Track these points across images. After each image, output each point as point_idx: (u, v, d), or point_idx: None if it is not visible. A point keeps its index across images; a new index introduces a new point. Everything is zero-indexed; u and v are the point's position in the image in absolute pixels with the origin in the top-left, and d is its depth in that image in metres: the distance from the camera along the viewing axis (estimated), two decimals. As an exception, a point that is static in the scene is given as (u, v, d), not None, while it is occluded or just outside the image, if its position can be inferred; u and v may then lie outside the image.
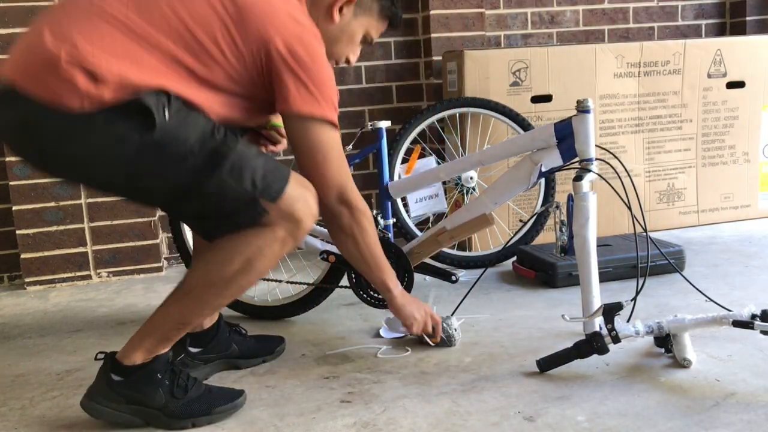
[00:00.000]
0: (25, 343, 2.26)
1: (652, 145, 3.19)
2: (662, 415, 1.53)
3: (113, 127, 1.39)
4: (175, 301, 1.59)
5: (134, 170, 1.45)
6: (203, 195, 1.48)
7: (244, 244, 1.52)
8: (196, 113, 1.48)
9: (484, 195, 2.11)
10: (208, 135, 1.46)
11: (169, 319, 1.59)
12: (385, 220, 2.37)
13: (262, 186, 1.49)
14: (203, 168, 1.45)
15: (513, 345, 1.98)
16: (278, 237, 1.52)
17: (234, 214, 1.50)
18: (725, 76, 3.23)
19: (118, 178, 1.47)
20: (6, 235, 3.02)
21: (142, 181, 1.48)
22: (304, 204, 1.54)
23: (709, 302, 2.10)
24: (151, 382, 1.58)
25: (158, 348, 1.60)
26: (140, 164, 1.43)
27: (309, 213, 1.55)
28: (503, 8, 3.45)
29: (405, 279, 2.10)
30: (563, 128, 1.93)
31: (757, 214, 3.37)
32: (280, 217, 1.51)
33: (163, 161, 1.44)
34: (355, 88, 3.27)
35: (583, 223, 1.84)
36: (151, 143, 1.41)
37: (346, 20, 1.72)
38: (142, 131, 1.40)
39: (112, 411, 1.58)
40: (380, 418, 1.60)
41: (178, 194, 1.49)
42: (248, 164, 1.48)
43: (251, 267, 1.53)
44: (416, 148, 2.55)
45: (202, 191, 1.47)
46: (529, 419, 1.55)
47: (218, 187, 1.46)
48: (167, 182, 1.47)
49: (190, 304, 1.58)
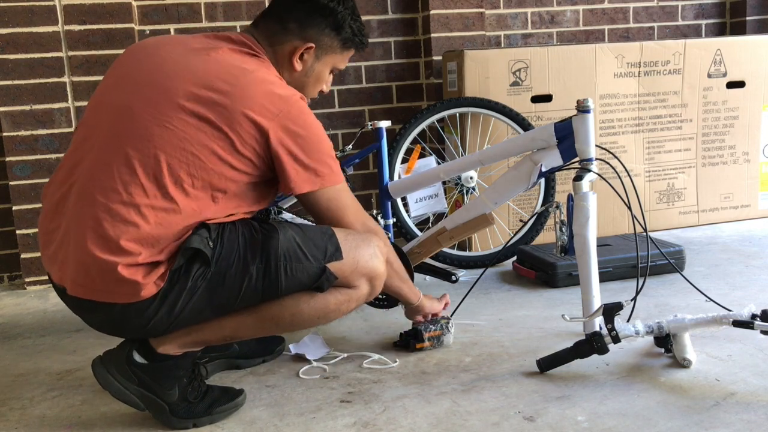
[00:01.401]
0: (25, 343, 2.26)
1: (652, 145, 3.19)
2: (662, 415, 1.53)
3: (183, 284, 1.50)
4: (234, 318, 1.61)
5: (217, 303, 1.55)
6: (282, 285, 1.58)
7: (324, 303, 1.64)
8: (231, 224, 1.56)
9: (484, 195, 2.11)
10: (250, 238, 1.56)
11: (221, 329, 1.62)
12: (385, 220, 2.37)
13: (322, 253, 1.59)
14: (266, 268, 1.55)
15: (513, 345, 1.98)
16: (362, 294, 1.68)
17: (311, 284, 1.61)
18: (725, 76, 3.23)
19: (206, 314, 1.57)
20: (6, 235, 3.02)
21: (228, 306, 1.58)
22: (368, 252, 1.66)
23: (709, 302, 2.10)
24: (171, 376, 1.59)
25: (193, 347, 1.63)
26: (217, 297, 1.54)
27: (379, 260, 1.68)
28: (503, 8, 3.45)
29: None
30: (563, 128, 1.93)
31: (757, 214, 3.37)
32: (361, 275, 1.65)
33: (232, 283, 1.54)
34: (355, 88, 3.27)
35: (583, 223, 1.84)
36: (215, 277, 1.52)
37: (309, 65, 1.73)
38: (204, 274, 1.51)
39: (120, 386, 1.58)
40: (380, 417, 1.60)
41: (263, 294, 1.58)
42: (298, 243, 1.58)
43: (325, 318, 1.68)
44: (416, 148, 2.55)
45: (278, 284, 1.57)
46: (529, 419, 1.55)
47: (288, 275, 1.57)
48: (247, 294, 1.56)
49: (252, 327, 1.64)
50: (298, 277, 1.58)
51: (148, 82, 1.54)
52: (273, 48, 1.69)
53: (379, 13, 3.26)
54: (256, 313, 1.61)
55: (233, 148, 1.51)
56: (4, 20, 2.80)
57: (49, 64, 2.85)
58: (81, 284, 1.49)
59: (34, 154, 2.87)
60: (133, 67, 1.60)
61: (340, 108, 3.27)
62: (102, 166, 1.49)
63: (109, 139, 1.51)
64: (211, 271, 1.51)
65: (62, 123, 2.87)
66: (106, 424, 1.64)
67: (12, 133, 2.84)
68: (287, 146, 1.55)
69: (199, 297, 1.52)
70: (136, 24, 2.99)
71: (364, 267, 1.65)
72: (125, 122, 1.51)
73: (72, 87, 2.88)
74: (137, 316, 1.50)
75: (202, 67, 1.54)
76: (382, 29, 3.27)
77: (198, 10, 3.06)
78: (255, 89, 1.53)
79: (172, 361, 1.59)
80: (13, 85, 2.83)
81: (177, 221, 1.49)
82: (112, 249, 1.44)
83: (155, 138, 1.48)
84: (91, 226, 1.46)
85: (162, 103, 1.51)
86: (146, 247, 1.46)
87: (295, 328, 1.71)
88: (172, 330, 1.57)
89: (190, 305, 1.52)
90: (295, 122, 1.55)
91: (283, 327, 1.68)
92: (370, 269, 1.66)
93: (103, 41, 2.88)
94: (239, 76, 1.54)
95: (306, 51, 1.70)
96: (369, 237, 1.68)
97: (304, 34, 1.69)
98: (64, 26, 2.85)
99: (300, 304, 1.62)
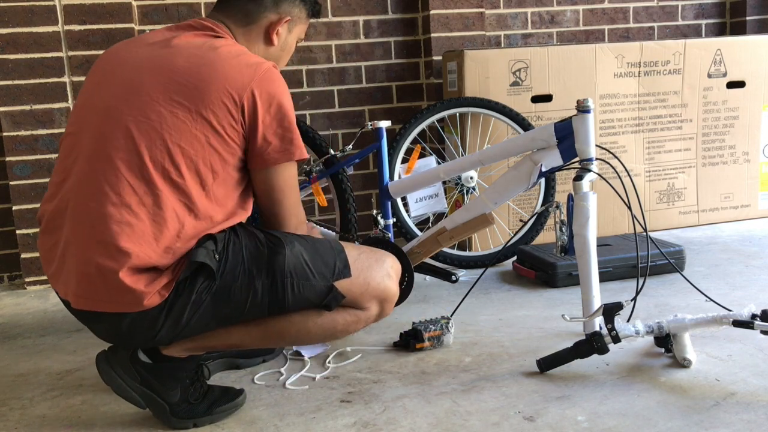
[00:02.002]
0: (25, 343, 2.26)
1: (652, 145, 3.19)
2: (662, 415, 1.53)
3: (188, 296, 1.50)
4: (242, 328, 1.61)
5: (222, 316, 1.55)
6: (288, 302, 1.57)
7: (331, 324, 1.64)
8: (232, 238, 1.55)
9: (484, 195, 2.11)
10: (255, 252, 1.55)
11: (227, 338, 1.62)
12: (385, 220, 2.37)
13: (331, 270, 1.59)
14: (272, 285, 1.55)
15: (513, 345, 1.98)
16: (371, 316, 1.68)
17: (317, 302, 1.61)
18: (725, 75, 3.23)
19: (212, 325, 1.57)
20: (6, 235, 3.02)
21: (234, 319, 1.58)
22: (386, 278, 1.66)
23: (709, 302, 2.10)
24: (174, 377, 1.59)
25: (197, 351, 1.63)
26: (222, 310, 1.54)
27: (392, 281, 1.68)
28: (503, 8, 3.45)
29: (405, 279, 2.10)
30: (563, 128, 1.93)
31: (757, 214, 3.37)
32: (371, 297, 1.65)
33: (238, 297, 1.53)
34: (355, 87, 3.27)
35: (583, 223, 1.84)
36: (220, 291, 1.52)
37: (283, 38, 1.76)
38: (209, 287, 1.51)
39: (123, 383, 1.58)
40: (380, 417, 1.60)
41: (269, 309, 1.58)
42: (305, 258, 1.57)
43: (332, 337, 1.69)
44: (416, 148, 2.55)
45: (285, 301, 1.57)
46: (529, 419, 1.55)
47: (295, 292, 1.57)
48: (252, 309, 1.56)
49: (258, 338, 1.64)
50: (305, 294, 1.58)
51: (120, 82, 1.55)
52: (248, 27, 1.70)
53: (379, 13, 3.26)
54: (262, 325, 1.61)
55: (212, 128, 1.51)
56: (4, 20, 2.80)
57: (49, 64, 2.85)
58: (83, 296, 1.49)
59: (34, 154, 2.87)
60: (107, 71, 1.60)
61: (340, 108, 3.27)
62: (89, 173, 1.49)
63: (92, 143, 1.51)
64: (216, 284, 1.51)
65: (62, 123, 2.87)
66: (106, 424, 1.64)
67: (12, 133, 2.84)
68: (261, 115, 1.54)
69: (204, 309, 1.52)
70: (136, 24, 2.99)
71: (375, 289, 1.65)
72: (104, 125, 1.51)
73: (72, 87, 2.88)
74: (142, 326, 1.50)
75: (168, 57, 1.55)
76: (382, 29, 3.27)
77: (198, 9, 3.07)
78: (223, 65, 1.53)
79: (177, 363, 1.60)
80: (13, 85, 2.83)
81: (170, 217, 1.48)
82: (112, 253, 1.44)
83: (134, 135, 1.48)
84: (87, 233, 1.46)
85: (135, 100, 1.51)
86: (144, 246, 1.45)
87: (299, 344, 1.73)
88: (178, 340, 1.57)
89: (195, 317, 1.52)
90: (268, 88, 1.55)
91: (288, 341, 1.70)
92: (381, 291, 1.66)
93: (103, 41, 2.88)
94: (205, 56, 1.54)
95: (282, 24, 1.72)
96: (382, 257, 1.69)
97: (279, 9, 1.72)
98: (64, 26, 2.85)
99: (307, 321, 1.62)
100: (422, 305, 2.38)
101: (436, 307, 2.35)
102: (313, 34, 3.20)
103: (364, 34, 3.26)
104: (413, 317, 2.16)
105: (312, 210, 3.24)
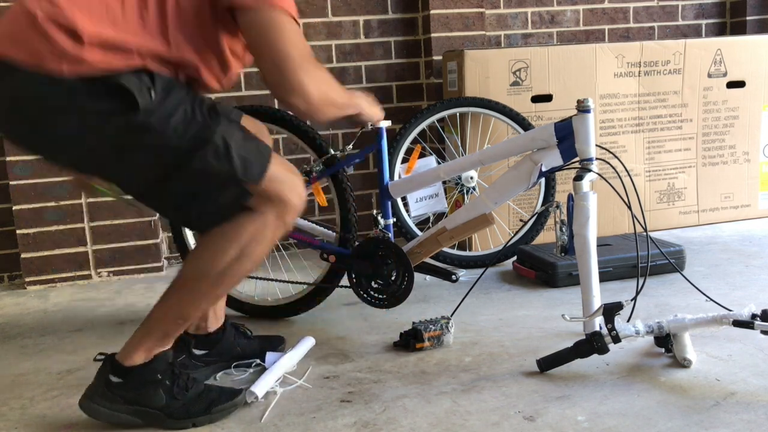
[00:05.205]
0: (25, 343, 2.26)
1: (652, 145, 3.19)
2: (662, 415, 1.53)
3: (97, 102, 1.39)
4: (172, 296, 1.58)
5: (117, 148, 1.45)
6: (185, 177, 1.47)
7: (236, 232, 1.51)
8: (177, 90, 1.46)
9: (484, 195, 2.11)
10: (190, 117, 1.45)
11: (167, 314, 1.58)
12: (386, 220, 2.36)
13: (242, 167, 1.48)
14: (186, 151, 1.45)
15: (513, 345, 1.98)
16: (269, 222, 1.52)
17: (216, 196, 1.49)
18: (725, 75, 3.23)
19: (101, 152, 1.46)
20: (6, 235, 3.02)
21: (123, 161, 1.47)
22: (290, 185, 1.54)
23: (709, 302, 2.10)
24: (151, 382, 1.58)
25: (158, 346, 1.59)
26: (123, 143, 1.44)
27: (296, 193, 1.55)
28: (503, 8, 3.45)
29: (405, 279, 2.10)
30: (563, 128, 1.92)
31: (757, 214, 3.37)
32: (268, 200, 1.51)
33: (146, 143, 1.43)
34: (355, 87, 3.26)
35: (584, 223, 1.84)
36: (135, 124, 1.41)
37: None
38: (126, 111, 1.40)
39: (110, 411, 1.57)
40: (380, 417, 1.60)
41: (160, 175, 1.48)
42: (230, 145, 1.47)
43: (245, 254, 1.52)
44: (416, 148, 2.55)
45: (184, 173, 1.46)
46: (529, 419, 1.55)
47: (201, 168, 1.46)
48: (149, 163, 1.46)
49: (188, 298, 1.57)
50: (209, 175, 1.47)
51: None
52: None
53: (379, 13, 3.26)
54: (182, 281, 1.56)
55: None
56: (4, 20, 2.79)
57: (49, 63, 2.84)
58: (4, 35, 1.40)
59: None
60: None
61: (340, 108, 3.26)
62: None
63: None
64: (135, 119, 1.40)
65: (62, 123, 2.87)
66: (107, 424, 1.64)
67: (12, 133, 2.84)
68: None
69: (102, 130, 1.41)
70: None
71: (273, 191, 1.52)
72: None
73: (72, 87, 2.87)
74: (37, 97, 1.39)
75: None
76: (382, 29, 3.27)
77: None
78: None
79: (146, 368, 1.58)
80: (13, 84, 2.83)
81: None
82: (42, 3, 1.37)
83: None
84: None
85: None
86: (75, 15, 1.37)
87: (228, 277, 1.54)
88: (52, 151, 1.49)
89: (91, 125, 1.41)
90: None
91: (215, 279, 1.55)
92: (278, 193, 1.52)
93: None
94: None
95: None
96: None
97: None
98: (64, 26, 2.85)
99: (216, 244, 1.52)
100: (422, 305, 2.38)
101: (436, 307, 2.35)
102: (313, 34, 3.20)
103: (364, 34, 3.26)
104: (413, 317, 2.16)
105: (312, 210, 3.24)
